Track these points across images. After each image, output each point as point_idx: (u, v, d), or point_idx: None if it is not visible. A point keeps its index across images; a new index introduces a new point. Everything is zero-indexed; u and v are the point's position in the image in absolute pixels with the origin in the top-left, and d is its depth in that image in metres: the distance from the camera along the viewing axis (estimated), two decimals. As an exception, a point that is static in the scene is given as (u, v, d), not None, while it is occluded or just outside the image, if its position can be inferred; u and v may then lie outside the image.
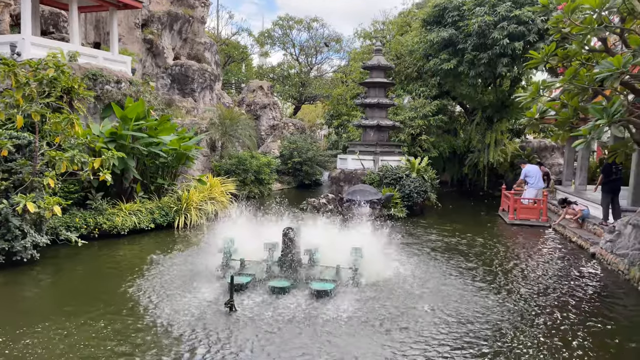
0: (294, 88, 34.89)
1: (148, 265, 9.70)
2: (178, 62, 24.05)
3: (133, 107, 12.24)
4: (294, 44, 36.19)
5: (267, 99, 31.93)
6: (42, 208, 8.53)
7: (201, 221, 14.04)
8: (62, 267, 9.63)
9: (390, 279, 8.65)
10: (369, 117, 18.70)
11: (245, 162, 20.66)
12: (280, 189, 24.74)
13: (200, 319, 6.72)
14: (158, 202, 13.58)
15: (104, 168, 10.06)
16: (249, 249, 9.20)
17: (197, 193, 14.53)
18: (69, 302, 7.57)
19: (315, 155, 26.17)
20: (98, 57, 13.22)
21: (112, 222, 11.87)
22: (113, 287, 8.25)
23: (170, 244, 11.73)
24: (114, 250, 11.03)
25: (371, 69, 18.68)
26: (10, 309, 7.28)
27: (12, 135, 9.42)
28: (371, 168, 17.53)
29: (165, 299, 7.57)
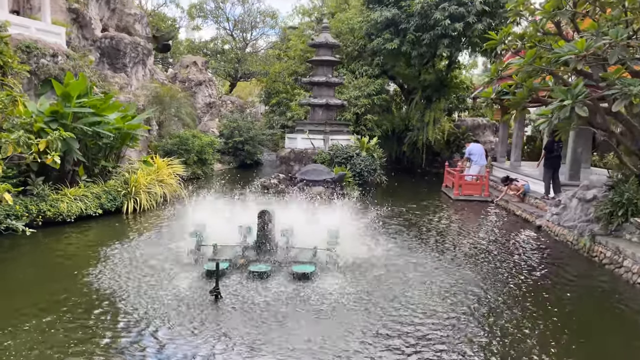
0: (229, 64, 33.77)
1: (105, 254, 9.10)
2: (107, 35, 22.33)
3: (75, 84, 11.22)
4: (227, 18, 34.88)
5: (201, 75, 30.65)
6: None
7: (151, 205, 13.36)
8: (7, 259, 8.76)
9: (365, 257, 8.76)
10: (317, 95, 18.59)
11: (187, 142, 19.86)
12: (221, 169, 24.09)
13: (184, 311, 6.42)
14: (104, 185, 12.70)
15: (50, 150, 9.19)
16: (212, 232, 8.91)
17: (145, 175, 13.75)
18: (22, 300, 6.90)
19: (257, 135, 25.69)
20: (30, 28, 11.92)
21: (57, 209, 10.95)
22: (69, 281, 7.63)
23: (124, 230, 11.06)
24: (63, 239, 10.21)
25: (318, 47, 18.50)
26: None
27: (-58, 115, 8.31)
28: (321, 147, 17.54)
29: (137, 291, 7.13)
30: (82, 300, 6.78)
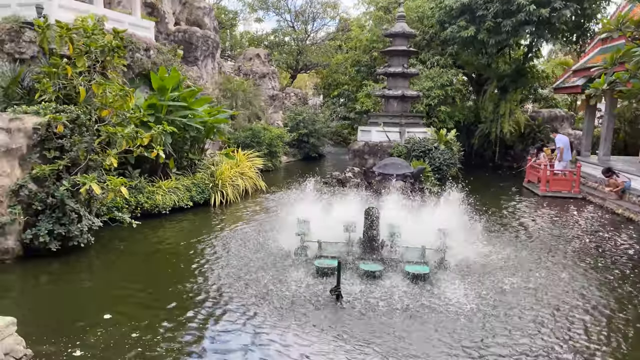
0: (290, 56, 33.75)
1: (204, 246, 9.18)
2: (180, 28, 22.70)
3: (170, 78, 11.37)
4: (289, 9, 34.79)
5: (265, 67, 30.78)
6: (107, 189, 7.81)
7: (235, 197, 13.45)
8: (119, 251, 8.98)
9: (473, 258, 8.37)
10: (391, 87, 18.14)
11: (259, 135, 19.97)
12: (287, 162, 24.14)
13: (307, 311, 6.27)
14: (192, 178, 12.87)
15: (155, 143, 9.32)
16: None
17: (228, 168, 13.87)
18: (137, 293, 7.00)
19: (322, 127, 25.52)
20: (124, 22, 12.15)
21: (153, 201, 11.18)
22: (182, 274, 7.69)
23: (217, 223, 11.16)
24: (163, 231, 10.41)
25: (394, 36, 18.02)
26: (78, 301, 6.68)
27: (59, 109, 8.54)
28: (397, 140, 17.12)
29: (245, 287, 7.06)
30: (187, 297, 6.78)
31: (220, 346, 5.37)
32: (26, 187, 7.90)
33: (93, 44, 7.89)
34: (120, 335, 5.46)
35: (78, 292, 7.08)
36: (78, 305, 6.52)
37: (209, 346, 5.36)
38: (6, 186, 7.81)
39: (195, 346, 5.34)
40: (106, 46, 7.95)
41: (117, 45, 8.05)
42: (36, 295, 6.87)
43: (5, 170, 7.82)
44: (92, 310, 6.24)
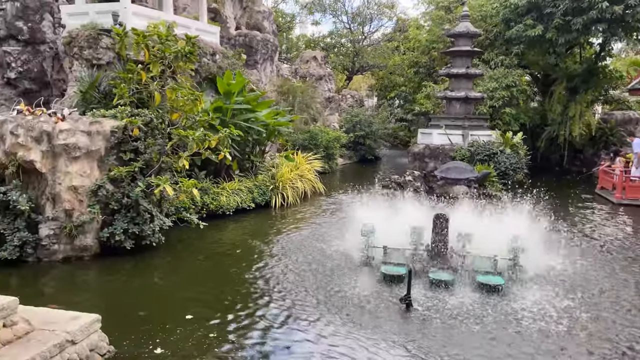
0: (346, 58, 33.69)
1: (269, 248, 9.25)
2: (242, 32, 23.19)
3: (236, 82, 11.58)
4: (346, 11, 34.76)
5: (321, 70, 30.90)
6: (178, 191, 8.03)
7: (295, 200, 13.51)
8: (188, 250, 9.21)
9: (550, 270, 7.92)
10: (454, 88, 17.67)
11: (317, 137, 20.01)
12: (343, 164, 24.06)
13: (375, 319, 6.12)
14: (254, 180, 13.05)
15: (221, 146, 9.50)
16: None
17: (288, 171, 13.96)
18: (206, 292, 7.11)
19: (379, 129, 25.26)
20: (191, 28, 12.52)
21: (218, 202, 11.42)
22: (246, 276, 7.74)
23: (280, 225, 11.24)
24: (227, 232, 10.62)
25: (457, 37, 17.54)
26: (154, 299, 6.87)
27: (134, 113, 8.88)
28: (460, 143, 16.63)
29: (310, 290, 7.00)
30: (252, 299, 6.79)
31: (285, 355, 5.34)
32: (104, 188, 8.26)
33: (167, 50, 8.15)
34: (198, 335, 5.56)
35: (152, 290, 7.32)
36: (154, 304, 6.73)
37: (276, 353, 5.35)
38: (86, 186, 8.19)
39: (262, 352, 5.34)
40: (179, 52, 8.18)
41: (189, 51, 8.27)
42: (113, 292, 7.15)
43: (85, 171, 8.21)
44: (168, 309, 6.42)
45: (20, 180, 8.10)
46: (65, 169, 8.05)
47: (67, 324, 4.71)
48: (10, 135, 8.01)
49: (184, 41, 8.43)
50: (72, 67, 10.94)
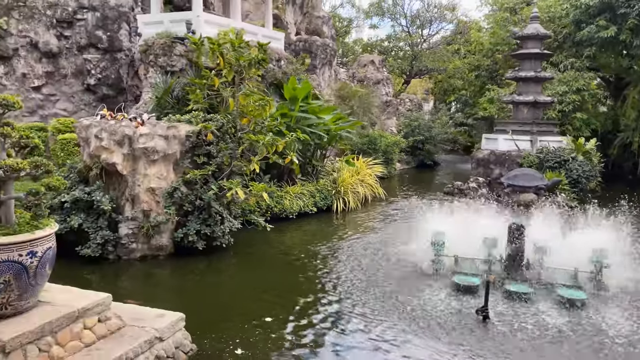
0: (404, 61, 33.34)
1: (334, 254, 9.23)
2: (301, 38, 23.46)
3: (301, 88, 11.73)
4: (405, 14, 34.42)
5: (379, 74, 30.70)
6: (249, 194, 8.20)
7: (356, 205, 13.47)
8: (255, 252, 9.39)
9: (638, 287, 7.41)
10: (522, 92, 17.03)
11: (376, 141, 19.89)
12: (402, 169, 23.76)
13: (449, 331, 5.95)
14: (316, 184, 13.13)
15: (289, 150, 9.63)
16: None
17: (349, 175, 13.95)
18: (276, 295, 7.18)
19: (438, 134, 24.78)
20: (258, 34, 12.81)
21: (282, 206, 11.56)
22: (312, 281, 7.76)
23: (342, 230, 11.23)
24: (291, 235, 10.73)
25: (525, 39, 16.90)
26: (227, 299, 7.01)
27: (207, 118, 9.17)
28: (528, 149, 15.99)
29: (378, 299, 6.90)
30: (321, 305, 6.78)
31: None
32: (179, 190, 8.57)
33: (242, 57, 8.35)
34: (274, 337, 5.63)
35: (225, 290, 7.51)
36: (228, 304, 6.89)
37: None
38: (163, 188, 8.53)
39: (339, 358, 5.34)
40: (252, 59, 8.36)
41: (262, 57, 8.44)
42: (188, 290, 7.39)
43: (162, 173, 8.55)
44: (243, 309, 6.54)
45: (103, 181, 8.56)
46: (144, 172, 8.42)
47: (154, 321, 4.90)
48: (95, 138, 8.47)
49: (255, 48, 8.63)
50: (148, 73, 11.45)
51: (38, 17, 12.92)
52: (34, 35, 12.95)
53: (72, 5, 12.93)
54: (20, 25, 12.89)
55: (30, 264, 4.08)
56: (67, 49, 13.27)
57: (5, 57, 12.91)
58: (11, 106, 4.12)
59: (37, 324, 4.02)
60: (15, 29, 12.86)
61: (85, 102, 13.65)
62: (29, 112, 13.30)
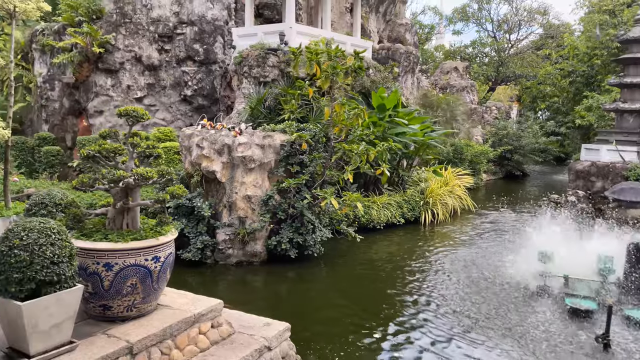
0: (490, 68, 32.06)
1: (425, 268, 8.93)
2: (384, 46, 23.28)
3: (390, 97, 11.57)
4: (491, 19, 33.14)
5: (463, 81, 29.76)
6: (342, 204, 8.15)
7: (445, 217, 13.01)
8: (345, 263, 9.33)
9: None
10: (627, 99, 15.67)
11: (462, 151, 19.19)
12: (489, 180, 22.74)
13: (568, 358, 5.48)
14: (403, 194, 12.85)
15: (380, 160, 9.48)
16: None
17: (438, 186, 13.52)
18: (372, 308, 7.00)
19: (529, 143, 23.46)
20: (347, 43, 12.85)
21: (369, 216, 11.41)
22: (405, 295, 7.51)
23: (432, 243, 10.87)
24: (379, 246, 10.55)
25: (631, 43, 15.55)
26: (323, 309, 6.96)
27: (300, 127, 9.27)
28: (635, 161, 14.65)
29: (492, 321, 6.52)
30: (417, 319, 6.50)
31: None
32: (273, 198, 8.71)
33: (339, 66, 8.36)
34: (378, 355, 5.49)
35: (318, 300, 7.48)
36: (323, 314, 6.85)
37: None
38: (258, 196, 8.72)
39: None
40: (349, 67, 8.33)
41: (359, 66, 8.39)
42: (284, 299, 7.46)
43: (258, 181, 8.75)
44: (339, 321, 6.47)
45: (203, 188, 8.90)
46: (241, 180, 8.66)
47: (262, 329, 4.94)
48: (197, 147, 8.85)
49: (351, 57, 8.60)
50: (242, 84, 11.83)
51: (142, 33, 13.84)
52: (138, 49, 13.87)
53: (173, 20, 13.71)
54: (126, 41, 13.86)
55: (154, 268, 4.26)
56: (166, 62, 14.08)
57: (112, 71, 13.94)
58: (141, 118, 4.35)
59: (160, 327, 4.17)
60: (122, 44, 13.85)
61: (182, 112, 14.38)
62: (132, 121, 14.24)
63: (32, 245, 3.37)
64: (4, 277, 3.34)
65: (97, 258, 4.05)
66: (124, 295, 4.15)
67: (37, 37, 14.88)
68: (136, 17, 13.77)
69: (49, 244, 3.44)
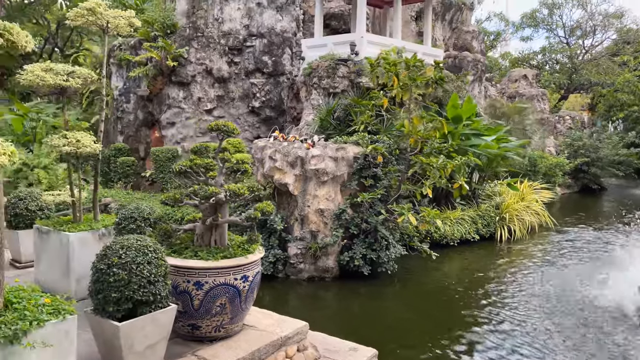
0: (562, 75, 30.43)
1: (510, 290, 8.32)
2: (451, 54, 22.61)
3: (466, 108, 11.07)
4: (562, 24, 31.52)
5: (533, 89, 28.45)
6: (421, 221, 7.78)
7: (522, 234, 12.25)
8: (419, 281, 8.91)
9: None
10: None
11: (536, 163, 18.18)
12: (564, 193, 21.40)
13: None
14: (477, 209, 12.23)
15: (458, 174, 9.02)
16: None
17: (514, 201, 12.78)
18: (453, 333, 6.54)
19: (608, 155, 21.91)
20: (418, 52, 12.42)
21: (443, 231, 10.91)
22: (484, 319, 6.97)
23: (510, 262, 10.21)
24: (454, 264, 10.05)
25: None
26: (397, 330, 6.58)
27: (373, 139, 9.00)
28: None
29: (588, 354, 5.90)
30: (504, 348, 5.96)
31: None
32: (346, 212, 8.47)
33: (419, 77, 8.03)
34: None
35: (395, 323, 7.13)
36: (400, 336, 6.49)
37: None
38: (331, 210, 8.51)
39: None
40: (430, 78, 7.99)
41: (440, 77, 8.03)
42: (359, 318, 7.16)
43: (331, 195, 8.54)
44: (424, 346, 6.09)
45: (275, 201, 8.81)
46: (313, 193, 8.49)
47: (348, 354, 4.67)
48: (269, 159, 8.78)
49: (431, 67, 8.26)
50: (311, 96, 11.74)
51: (213, 46, 14.12)
52: (209, 62, 14.16)
53: (243, 33, 13.90)
54: (197, 54, 14.19)
55: (243, 288, 4.11)
56: (235, 74, 14.28)
57: (184, 83, 14.31)
58: (231, 132, 4.24)
59: (248, 349, 4.01)
60: (193, 57, 14.19)
61: (249, 123, 14.51)
62: (201, 133, 14.53)
63: (130, 264, 3.30)
64: (102, 296, 3.28)
65: (187, 276, 3.95)
66: (212, 315, 4.02)
67: (115, 52, 15.57)
68: (208, 31, 14.08)
69: (145, 262, 3.36)
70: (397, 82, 8.10)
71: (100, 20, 4.99)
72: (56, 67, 4.63)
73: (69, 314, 2.82)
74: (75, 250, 4.78)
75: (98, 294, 3.30)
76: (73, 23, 5.05)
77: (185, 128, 14.44)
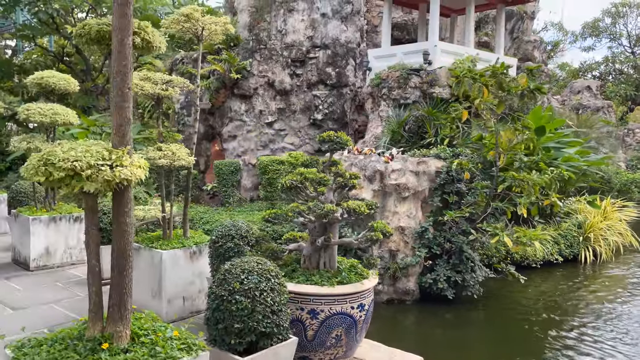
0: (629, 86, 28.75)
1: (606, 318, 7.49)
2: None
3: (553, 123, 10.35)
4: (628, 33, 29.86)
5: (597, 101, 27.02)
6: (517, 242, 7.13)
7: (608, 255, 11.27)
8: (505, 306, 8.21)
9: None
10: None
11: (610, 178, 16.96)
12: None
13: None
14: (558, 228, 11.37)
15: (549, 190, 8.29)
16: None
17: (598, 220, 11.82)
18: None
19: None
20: (492, 61, 11.81)
21: (524, 252, 10.13)
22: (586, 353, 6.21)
23: (600, 287, 9.34)
24: (541, 288, 9.25)
25: None
26: None
27: (455, 153, 8.44)
28: None
29: None
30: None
31: None
32: (429, 231, 7.91)
33: (514, 87, 7.45)
34: None
35: (488, 354, 6.48)
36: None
37: None
38: (411, 227, 7.98)
39: None
40: (525, 88, 7.39)
41: (536, 87, 7.40)
42: (449, 346, 6.56)
43: (412, 212, 8.02)
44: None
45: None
46: (393, 209, 7.99)
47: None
48: (345, 173, 8.36)
49: (523, 75, 7.65)
50: (379, 107, 11.31)
51: (275, 58, 13.97)
52: (271, 74, 14.00)
53: (306, 45, 13.67)
54: (260, 67, 14.07)
55: (359, 317, 3.66)
56: (297, 86, 14.04)
57: (247, 96, 14.19)
58: (345, 144, 3.84)
59: (367, 389, 3.54)
60: (256, 70, 14.07)
61: (310, 136, 14.21)
62: (262, 146, 14.35)
63: (253, 290, 2.91)
64: (222, 327, 2.89)
65: (301, 303, 3.53)
66: (327, 348, 3.58)
67: (177, 66, 15.70)
68: (271, 43, 13.95)
69: (269, 289, 2.97)
70: (487, 93, 7.53)
71: (196, 26, 4.75)
72: (154, 77, 4.39)
73: (200, 349, 2.45)
74: (167, 269, 4.49)
75: (218, 323, 2.92)
76: (168, 31, 4.83)
77: (246, 141, 14.29)
